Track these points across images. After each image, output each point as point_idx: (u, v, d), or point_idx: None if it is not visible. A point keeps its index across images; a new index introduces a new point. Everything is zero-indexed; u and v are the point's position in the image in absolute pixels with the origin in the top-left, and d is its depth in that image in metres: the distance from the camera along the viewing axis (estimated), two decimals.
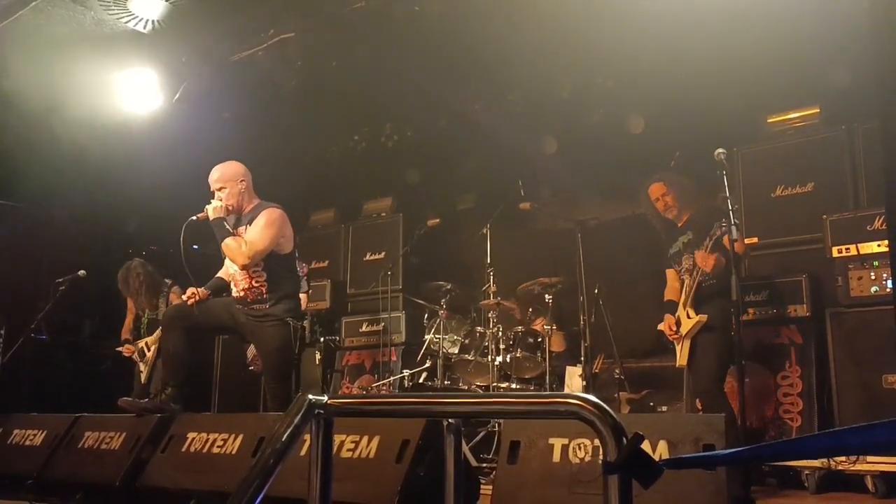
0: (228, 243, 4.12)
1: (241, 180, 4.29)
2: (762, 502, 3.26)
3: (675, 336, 4.46)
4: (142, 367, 5.82)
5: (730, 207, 4.03)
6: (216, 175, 4.31)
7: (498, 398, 2.71)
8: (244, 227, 4.22)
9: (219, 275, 4.46)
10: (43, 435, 4.56)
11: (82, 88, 6.75)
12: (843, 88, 5.58)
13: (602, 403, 1.59)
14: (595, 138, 7.15)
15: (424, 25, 6.12)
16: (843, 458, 4.14)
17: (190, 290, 4.26)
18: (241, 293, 4.21)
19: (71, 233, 7.59)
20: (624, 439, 1.51)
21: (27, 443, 4.61)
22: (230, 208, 4.24)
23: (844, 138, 5.06)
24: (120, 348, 6.07)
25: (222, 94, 6.76)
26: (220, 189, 4.26)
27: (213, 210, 4.15)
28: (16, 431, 4.77)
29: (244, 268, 4.12)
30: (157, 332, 5.77)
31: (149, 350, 5.84)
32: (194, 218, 4.18)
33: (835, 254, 4.64)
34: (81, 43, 6.34)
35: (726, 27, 5.57)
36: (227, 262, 4.33)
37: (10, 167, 7.05)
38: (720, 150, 4.09)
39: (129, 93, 6.59)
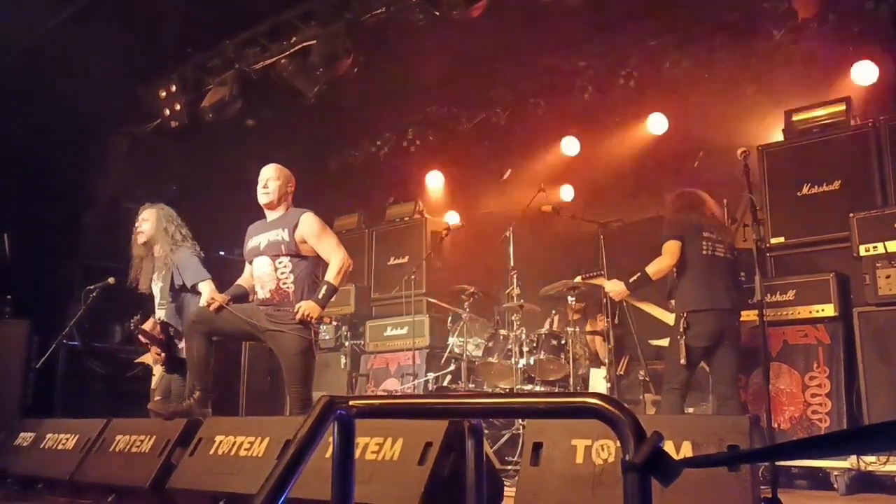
0: (335, 265, 4.20)
1: (290, 184, 4.41)
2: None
3: None
4: (155, 370, 5.91)
5: (754, 207, 4.00)
6: (273, 168, 4.40)
7: (518, 398, 2.72)
8: (277, 230, 4.26)
9: (239, 282, 4.52)
10: (75, 439, 4.64)
11: (106, 100, 6.88)
12: (870, 84, 5.51)
13: (621, 403, 1.59)
14: (618, 139, 7.13)
15: (445, 30, 6.15)
16: (873, 459, 4.08)
17: (210, 296, 4.31)
18: (268, 295, 4.25)
19: (101, 240, 7.73)
20: (644, 438, 1.51)
21: (60, 447, 4.70)
22: (271, 203, 4.33)
23: (871, 135, 4.98)
24: (141, 359, 6.15)
25: (246, 101, 6.84)
26: (271, 179, 4.34)
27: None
28: (49, 436, 4.86)
29: (345, 257, 4.22)
30: None
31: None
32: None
33: (862, 252, 4.58)
34: (109, 56, 6.47)
35: (747, 24, 5.54)
36: (251, 266, 4.37)
37: (46, 173, 7.22)
38: (742, 148, 4.05)
39: (154, 102, 6.70)
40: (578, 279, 5.26)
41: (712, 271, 4.52)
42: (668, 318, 4.75)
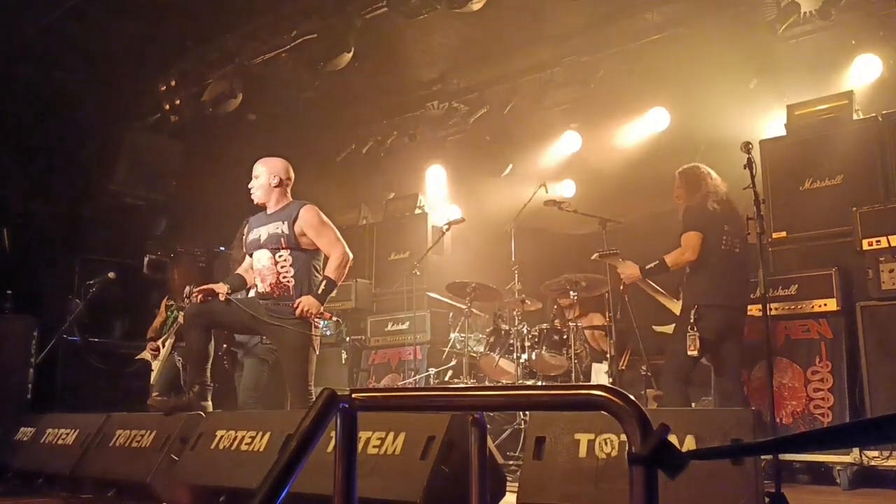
0: (335, 259, 4.16)
1: (276, 176, 4.29)
2: (794, 498, 3.21)
3: None
4: (154, 365, 5.90)
5: (758, 201, 3.97)
6: (259, 163, 4.36)
7: (522, 390, 2.70)
8: (277, 223, 4.22)
9: (238, 272, 4.47)
10: (75, 434, 4.63)
11: (106, 94, 6.87)
12: (873, 79, 5.49)
13: (627, 394, 1.58)
14: (619, 134, 7.12)
15: (447, 25, 6.13)
16: (875, 454, 4.07)
17: (209, 287, 4.26)
18: (268, 288, 4.21)
19: (101, 235, 7.72)
20: (650, 430, 1.49)
21: (60, 441, 4.69)
22: (259, 199, 4.29)
23: (874, 129, 4.96)
24: (140, 355, 6.15)
25: (246, 96, 6.82)
26: (255, 176, 4.31)
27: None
28: (49, 430, 4.85)
29: (345, 252, 4.18)
30: (170, 333, 5.84)
31: (163, 348, 5.93)
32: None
33: (865, 246, 4.56)
34: (109, 50, 6.46)
35: (750, 17, 5.51)
36: (252, 258, 4.33)
37: (46, 168, 7.22)
38: (746, 142, 4.03)
39: (154, 96, 6.68)
40: (595, 256, 5.19)
41: (728, 267, 4.49)
42: (675, 306, 4.72)
